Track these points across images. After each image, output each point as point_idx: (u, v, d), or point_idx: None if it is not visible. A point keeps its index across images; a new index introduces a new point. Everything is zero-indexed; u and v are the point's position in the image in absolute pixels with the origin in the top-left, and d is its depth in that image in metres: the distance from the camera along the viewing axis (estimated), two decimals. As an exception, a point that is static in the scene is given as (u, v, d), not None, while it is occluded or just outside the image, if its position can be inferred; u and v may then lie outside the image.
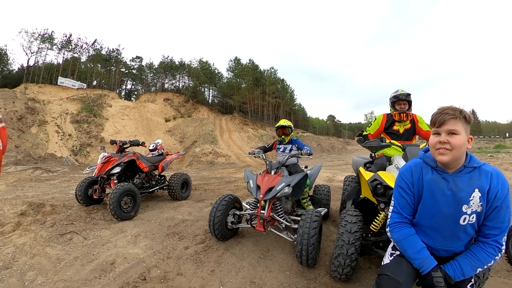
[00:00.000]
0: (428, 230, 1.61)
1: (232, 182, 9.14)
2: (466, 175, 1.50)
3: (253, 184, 3.31)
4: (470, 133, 1.50)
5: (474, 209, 1.49)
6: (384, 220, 2.52)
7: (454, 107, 1.48)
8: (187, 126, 35.77)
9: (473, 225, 1.52)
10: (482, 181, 1.48)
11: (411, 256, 1.58)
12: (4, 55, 44.02)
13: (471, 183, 1.49)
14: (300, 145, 4.16)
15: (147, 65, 56.85)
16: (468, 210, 1.49)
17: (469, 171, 1.51)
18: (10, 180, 10.36)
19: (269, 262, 2.97)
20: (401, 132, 3.58)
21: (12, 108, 22.79)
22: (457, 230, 1.54)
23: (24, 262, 3.01)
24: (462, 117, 1.44)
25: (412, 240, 1.60)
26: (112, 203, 4.25)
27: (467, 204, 1.49)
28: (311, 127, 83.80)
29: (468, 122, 1.46)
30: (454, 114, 1.44)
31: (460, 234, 1.55)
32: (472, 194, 1.48)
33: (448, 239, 1.57)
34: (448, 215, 1.52)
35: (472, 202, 1.48)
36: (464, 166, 1.51)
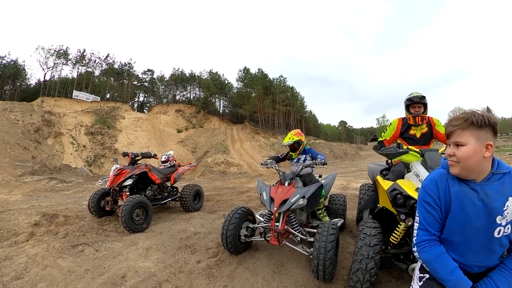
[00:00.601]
0: (458, 247, 1.46)
1: (245, 192, 9.05)
2: (496, 182, 1.37)
3: (267, 196, 3.21)
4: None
5: (509, 219, 1.35)
6: (404, 232, 2.40)
7: (461, 115, 1.38)
8: (199, 137, 36.01)
9: (509, 236, 1.39)
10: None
11: (444, 277, 1.42)
12: (23, 70, 46.00)
13: (503, 191, 1.36)
14: (313, 154, 4.01)
15: (159, 77, 57.89)
16: (503, 221, 1.35)
17: (499, 178, 1.37)
18: (26, 190, 10.59)
19: (284, 277, 2.86)
20: (418, 137, 3.44)
21: (29, 121, 23.47)
22: (491, 244, 1.39)
23: (35, 273, 3.01)
24: (469, 124, 1.32)
25: (443, 260, 1.45)
26: (124, 215, 4.23)
27: (501, 215, 1.35)
28: (322, 133, 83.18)
29: (480, 126, 1.32)
30: (457, 125, 1.35)
31: (495, 248, 1.40)
32: (506, 203, 1.35)
33: (481, 254, 1.42)
34: (481, 228, 1.38)
35: (506, 212, 1.35)
36: (493, 173, 1.38)
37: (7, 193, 9.46)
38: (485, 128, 1.32)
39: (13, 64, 44.45)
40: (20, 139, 19.36)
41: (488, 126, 1.32)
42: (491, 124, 1.32)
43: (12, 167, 15.49)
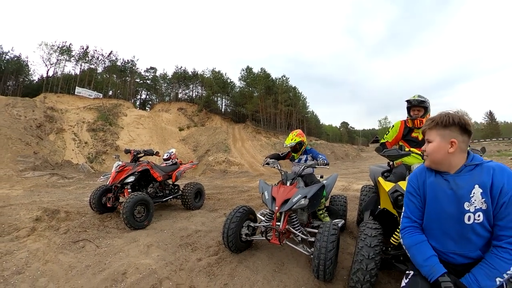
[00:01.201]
0: (436, 233, 1.60)
1: (246, 191, 9.06)
2: (467, 173, 1.52)
3: (268, 195, 3.21)
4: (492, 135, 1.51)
5: (478, 206, 1.46)
6: None
7: (432, 117, 1.61)
8: (201, 135, 36.00)
9: (482, 224, 1.46)
10: (483, 177, 1.47)
11: (420, 263, 1.56)
12: (26, 66, 46.26)
13: (471, 180, 1.49)
14: (314, 154, 3.99)
15: (161, 75, 57.95)
16: (470, 207, 1.47)
17: (470, 169, 1.52)
18: (28, 185, 10.62)
19: (284, 276, 2.86)
20: (420, 139, 3.44)
21: (32, 116, 23.52)
22: (464, 231, 1.50)
23: (36, 268, 3.03)
24: (435, 125, 1.55)
25: (421, 247, 1.60)
26: (125, 212, 4.24)
27: (468, 201, 1.48)
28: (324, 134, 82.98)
29: (445, 126, 1.52)
30: (427, 125, 1.60)
31: (470, 235, 1.50)
32: (472, 190, 1.47)
33: (458, 242, 1.54)
34: (452, 215, 1.52)
35: (473, 199, 1.47)
36: (465, 165, 1.53)
37: (8, 188, 9.50)
38: (450, 127, 1.51)
39: (16, 60, 44.64)
40: (22, 134, 19.40)
41: (453, 125, 1.50)
42: (456, 123, 1.50)
43: (14, 162, 15.54)
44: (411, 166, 2.94)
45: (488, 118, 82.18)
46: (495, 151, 31.08)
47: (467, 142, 1.53)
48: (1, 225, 4.30)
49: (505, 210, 1.40)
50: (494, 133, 75.89)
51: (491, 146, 42.89)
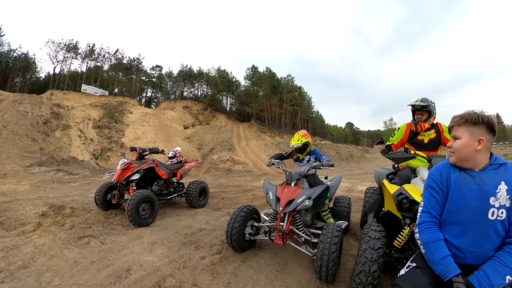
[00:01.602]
0: (456, 227, 1.59)
1: (250, 190, 9.06)
2: (492, 171, 1.55)
3: (273, 195, 3.21)
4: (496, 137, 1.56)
5: (503, 203, 1.48)
6: (408, 236, 2.39)
7: (460, 114, 1.62)
8: (205, 134, 36.10)
9: (503, 222, 1.48)
10: (508, 175, 1.51)
11: (436, 260, 1.55)
12: (33, 63, 47.13)
13: (497, 177, 1.52)
14: (317, 156, 3.98)
15: (167, 73, 58.32)
16: (495, 203, 1.49)
17: (495, 168, 1.55)
18: (34, 180, 10.75)
19: (287, 276, 2.87)
20: (425, 142, 3.42)
21: (38, 113, 23.74)
22: (486, 227, 1.51)
23: (42, 263, 3.05)
24: (464, 121, 1.57)
25: (440, 245, 1.59)
26: (130, 209, 4.28)
27: (494, 196, 1.49)
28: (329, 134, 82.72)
29: (474, 123, 1.54)
30: (455, 121, 1.62)
31: (490, 232, 1.50)
32: (498, 186, 1.50)
33: (477, 238, 1.53)
34: (476, 209, 1.52)
35: (499, 194, 1.49)
36: (490, 164, 1.56)
37: (15, 183, 9.62)
38: (479, 125, 1.53)
39: (24, 57, 45.35)
40: (29, 130, 19.60)
41: (482, 123, 1.52)
42: (485, 122, 1.52)
43: (21, 157, 15.71)
44: (416, 169, 2.93)
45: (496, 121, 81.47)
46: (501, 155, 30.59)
47: (492, 141, 1.56)
48: (8, 220, 4.36)
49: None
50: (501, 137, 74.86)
51: (497, 149, 42.40)
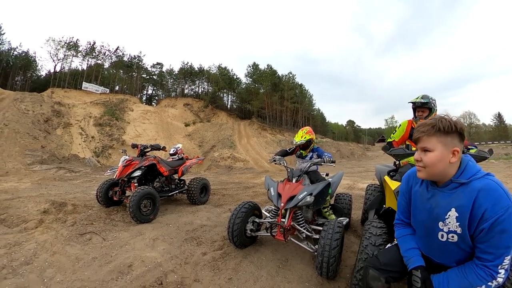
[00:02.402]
0: (420, 237, 1.62)
1: (251, 187, 9.08)
2: (449, 191, 1.41)
3: (274, 192, 3.22)
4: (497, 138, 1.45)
5: (452, 229, 1.40)
6: None
7: (429, 121, 1.41)
8: (206, 131, 36.09)
9: (457, 244, 1.41)
10: (462, 200, 1.35)
11: (402, 253, 1.64)
12: (33, 61, 47.16)
13: (450, 201, 1.40)
14: (320, 153, 3.99)
15: (168, 71, 58.21)
16: (444, 228, 1.43)
17: (454, 187, 1.40)
18: (36, 178, 10.78)
19: (288, 272, 2.87)
20: None
21: (39, 111, 23.79)
22: (440, 245, 1.49)
23: (44, 259, 3.07)
24: (436, 131, 1.36)
25: (405, 240, 1.67)
26: (132, 205, 4.28)
27: (442, 221, 1.43)
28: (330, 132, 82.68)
29: (447, 132, 1.35)
30: (424, 131, 1.40)
31: (445, 251, 1.49)
32: (448, 212, 1.40)
33: (434, 251, 1.55)
34: (428, 228, 1.51)
35: (448, 220, 1.41)
36: (451, 181, 1.40)
37: (17, 181, 9.65)
38: (452, 134, 1.35)
39: (24, 55, 45.41)
40: (30, 128, 19.65)
41: (455, 132, 1.35)
42: (457, 130, 1.35)
43: (22, 156, 15.77)
44: None
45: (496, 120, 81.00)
46: (502, 154, 30.61)
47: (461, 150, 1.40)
48: (10, 217, 4.38)
49: (485, 236, 1.30)
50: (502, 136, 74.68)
51: (499, 149, 42.23)
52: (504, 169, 14.11)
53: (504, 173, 12.18)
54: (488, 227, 1.28)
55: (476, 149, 2.71)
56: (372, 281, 1.63)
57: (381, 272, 1.63)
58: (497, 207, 1.26)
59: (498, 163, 19.27)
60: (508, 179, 10.27)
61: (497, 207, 1.26)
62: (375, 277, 1.62)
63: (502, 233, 1.26)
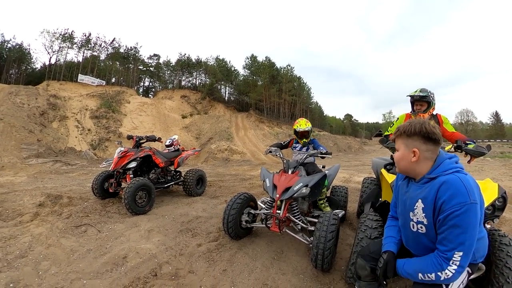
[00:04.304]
0: (401, 230, 1.73)
1: (247, 179, 9.08)
2: (420, 185, 1.54)
3: (270, 183, 3.20)
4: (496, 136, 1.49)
5: (420, 220, 1.51)
6: None
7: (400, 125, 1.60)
8: (204, 123, 35.93)
9: (426, 235, 1.51)
10: (427, 192, 1.46)
11: (382, 242, 1.77)
12: (28, 54, 46.25)
13: (418, 193, 1.52)
14: (316, 145, 4.02)
15: (165, 62, 57.52)
16: (414, 218, 1.55)
17: (425, 182, 1.52)
18: (32, 172, 10.72)
19: (283, 264, 2.88)
20: None
21: (35, 104, 23.52)
22: (413, 236, 1.59)
23: (39, 252, 3.06)
24: (400, 134, 1.57)
25: (386, 230, 1.83)
26: (127, 197, 4.27)
27: (412, 211, 1.55)
28: (327, 126, 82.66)
29: (409, 135, 1.52)
30: (394, 134, 1.62)
31: (418, 242, 1.59)
32: (416, 203, 1.52)
33: (412, 242, 1.64)
34: (404, 219, 1.64)
35: (416, 211, 1.53)
36: (424, 177, 1.53)
37: (13, 175, 9.58)
38: (413, 137, 1.51)
39: (18, 48, 44.62)
40: (26, 122, 19.45)
41: (416, 134, 1.49)
42: (417, 132, 1.48)
43: (18, 149, 15.65)
44: None
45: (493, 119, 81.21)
46: (498, 152, 30.79)
47: (433, 150, 1.50)
48: (5, 211, 4.35)
49: (440, 227, 1.39)
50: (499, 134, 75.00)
51: (495, 147, 42.44)
52: (500, 167, 14.18)
53: (499, 171, 12.24)
54: (443, 219, 1.36)
55: (474, 144, 2.70)
56: (360, 270, 1.78)
57: (367, 260, 1.75)
58: (453, 201, 1.33)
59: (494, 161, 19.35)
60: (503, 177, 10.33)
61: (453, 201, 1.33)
62: (361, 266, 1.76)
63: (455, 228, 1.32)
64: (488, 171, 12.11)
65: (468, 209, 1.29)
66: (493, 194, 2.16)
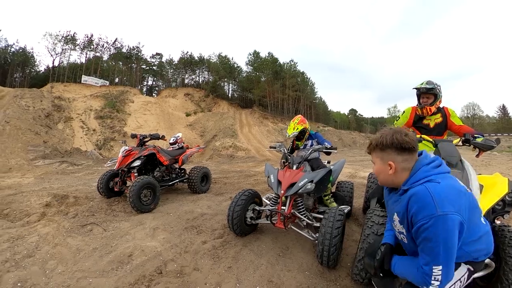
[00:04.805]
0: None
1: (252, 176, 9.07)
2: (398, 197, 1.51)
3: (274, 179, 3.16)
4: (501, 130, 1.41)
5: (400, 230, 1.50)
6: None
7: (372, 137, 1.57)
8: (208, 121, 36.02)
9: (409, 245, 1.49)
10: (400, 206, 1.45)
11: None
12: (31, 57, 47.12)
13: (394, 206, 1.52)
14: (320, 140, 3.92)
15: (167, 61, 57.74)
16: (395, 228, 1.56)
17: (401, 193, 1.49)
18: (38, 173, 10.82)
19: (288, 260, 2.86)
20: (431, 127, 3.31)
21: (40, 106, 23.72)
22: (402, 242, 1.59)
23: (46, 251, 3.07)
24: (374, 148, 1.54)
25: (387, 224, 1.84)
26: (132, 195, 4.28)
27: (393, 222, 1.57)
28: (332, 121, 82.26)
29: (382, 149, 1.49)
30: (368, 147, 1.59)
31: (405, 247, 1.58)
32: (393, 216, 1.53)
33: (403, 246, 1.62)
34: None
35: (395, 223, 1.54)
36: (400, 188, 1.50)
37: (20, 176, 9.67)
38: (387, 149, 1.48)
39: (22, 52, 45.36)
40: (32, 124, 19.65)
41: (389, 147, 1.46)
42: (390, 145, 1.45)
43: (25, 151, 15.81)
44: None
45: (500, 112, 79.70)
46: (505, 147, 30.34)
47: (409, 159, 1.46)
48: (13, 212, 4.39)
49: (416, 239, 1.37)
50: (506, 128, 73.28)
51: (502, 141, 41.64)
52: (507, 162, 13.93)
53: (507, 165, 12.02)
54: (415, 232, 1.35)
55: (483, 137, 2.62)
56: (368, 268, 1.73)
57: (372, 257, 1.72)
58: (420, 214, 1.30)
59: (501, 155, 19.07)
60: (511, 171, 10.16)
61: (420, 215, 1.30)
62: (369, 264, 1.71)
63: (427, 241, 1.29)
64: (495, 166, 11.92)
65: (436, 222, 1.24)
66: (503, 189, 2.09)
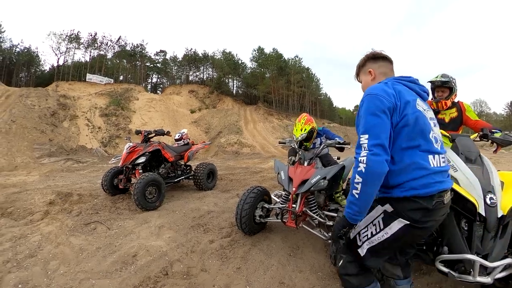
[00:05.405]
0: None
1: (258, 172, 8.95)
2: None
3: (285, 176, 3.01)
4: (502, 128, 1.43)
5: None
6: None
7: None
8: (212, 117, 35.94)
9: None
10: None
11: None
12: (36, 57, 47.81)
13: None
14: (329, 135, 3.71)
15: (171, 58, 57.69)
16: None
17: None
18: (44, 171, 10.81)
19: (300, 261, 2.73)
20: (446, 121, 3.20)
21: (45, 105, 23.78)
22: None
23: (48, 251, 2.98)
24: (358, 68, 1.84)
25: None
26: (136, 193, 4.16)
27: None
28: (337, 117, 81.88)
29: (363, 65, 1.80)
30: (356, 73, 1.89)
31: None
32: None
33: None
34: None
35: None
36: None
37: (25, 175, 9.66)
38: (366, 63, 1.79)
39: (27, 52, 46.01)
40: (37, 123, 19.72)
41: (366, 60, 1.79)
42: (367, 58, 1.78)
43: (31, 150, 15.85)
44: None
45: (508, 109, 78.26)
46: None
47: (384, 65, 1.70)
48: (16, 210, 4.31)
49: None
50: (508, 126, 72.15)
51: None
52: (515, 160, 13.65)
53: (515, 164, 11.77)
54: None
55: (501, 132, 2.56)
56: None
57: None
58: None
59: (509, 153, 18.65)
60: (519, 170, 9.87)
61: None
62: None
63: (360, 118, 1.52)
64: (504, 164, 11.64)
65: (363, 100, 1.50)
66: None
